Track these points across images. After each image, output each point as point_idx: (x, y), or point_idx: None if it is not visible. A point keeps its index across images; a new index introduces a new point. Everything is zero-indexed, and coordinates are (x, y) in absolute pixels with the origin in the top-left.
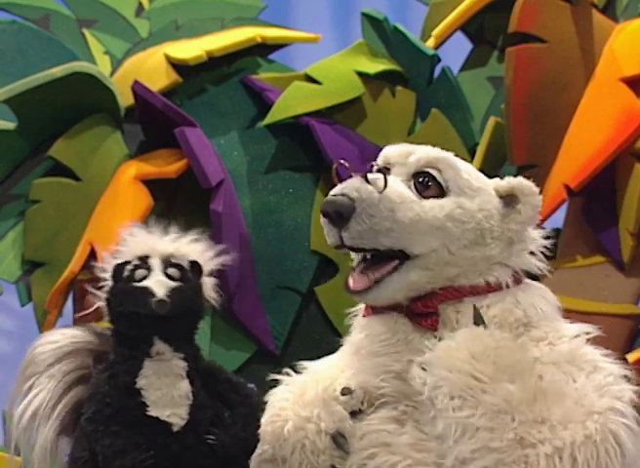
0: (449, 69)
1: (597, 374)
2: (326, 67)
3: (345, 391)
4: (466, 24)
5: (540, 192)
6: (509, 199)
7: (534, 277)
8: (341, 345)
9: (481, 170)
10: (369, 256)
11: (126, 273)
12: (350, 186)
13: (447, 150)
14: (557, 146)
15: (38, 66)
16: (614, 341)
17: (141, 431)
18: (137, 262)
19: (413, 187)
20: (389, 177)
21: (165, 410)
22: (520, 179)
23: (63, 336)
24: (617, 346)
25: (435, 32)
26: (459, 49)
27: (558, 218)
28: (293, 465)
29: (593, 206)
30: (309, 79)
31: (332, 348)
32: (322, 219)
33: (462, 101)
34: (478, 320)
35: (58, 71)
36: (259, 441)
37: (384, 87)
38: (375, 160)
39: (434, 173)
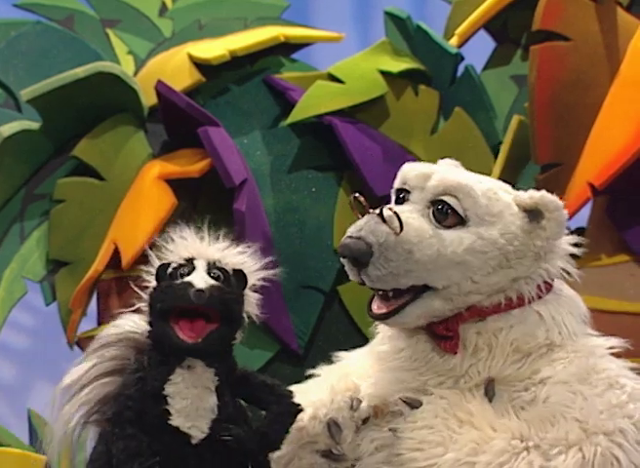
0: (472, 68)
1: (611, 392)
2: (349, 66)
3: (355, 402)
4: (490, 22)
5: (564, 191)
6: (534, 213)
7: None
8: (366, 344)
9: (505, 169)
10: None
11: (169, 271)
12: (366, 228)
13: (470, 149)
14: (581, 145)
15: (62, 66)
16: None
17: (160, 439)
18: (181, 262)
19: (432, 215)
20: (405, 214)
21: (187, 422)
22: (543, 194)
23: (126, 322)
24: None
25: (458, 30)
26: (482, 47)
27: (583, 217)
28: (291, 441)
29: (618, 204)
30: (332, 78)
31: (355, 347)
32: (341, 258)
33: (486, 100)
34: (490, 392)
35: (81, 71)
36: (283, 439)
37: (408, 86)
38: (397, 166)
39: (452, 201)
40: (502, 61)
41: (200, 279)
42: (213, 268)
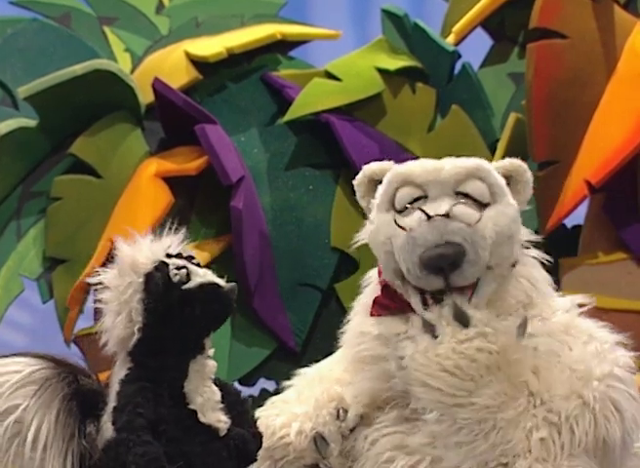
0: (469, 65)
1: (593, 343)
2: (346, 64)
3: (341, 412)
4: (487, 20)
5: (562, 188)
6: (508, 180)
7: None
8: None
9: None
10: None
11: (177, 278)
12: (443, 231)
13: (467, 147)
14: (578, 142)
15: (59, 64)
16: (636, 338)
17: (193, 439)
18: (174, 265)
19: (465, 200)
20: (458, 205)
21: (212, 416)
22: (511, 161)
23: (25, 365)
24: (638, 343)
25: (455, 28)
26: (479, 45)
27: (579, 215)
28: (277, 458)
29: (615, 202)
30: (329, 76)
31: None
32: (418, 271)
33: (483, 98)
34: (462, 317)
35: (78, 69)
36: (262, 436)
37: (405, 83)
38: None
39: (478, 183)
40: (500, 59)
41: (214, 277)
42: (190, 261)
